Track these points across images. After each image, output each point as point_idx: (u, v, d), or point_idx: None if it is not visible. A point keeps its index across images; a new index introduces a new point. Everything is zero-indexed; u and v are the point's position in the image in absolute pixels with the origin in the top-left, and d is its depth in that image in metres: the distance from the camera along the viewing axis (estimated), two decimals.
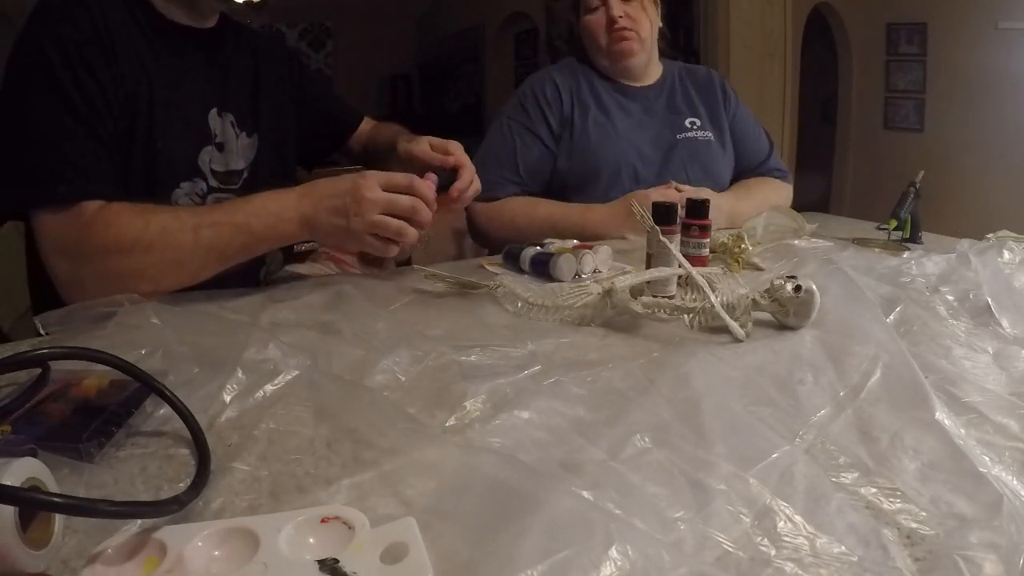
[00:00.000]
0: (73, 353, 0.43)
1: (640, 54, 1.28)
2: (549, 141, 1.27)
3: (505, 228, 1.21)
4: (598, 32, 1.26)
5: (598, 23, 1.26)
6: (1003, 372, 0.57)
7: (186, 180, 0.85)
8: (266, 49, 1.00)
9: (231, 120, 0.91)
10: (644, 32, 1.26)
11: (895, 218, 1.02)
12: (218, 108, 0.89)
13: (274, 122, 0.97)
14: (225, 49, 0.93)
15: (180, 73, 0.84)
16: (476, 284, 0.78)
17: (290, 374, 0.52)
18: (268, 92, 0.96)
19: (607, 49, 1.27)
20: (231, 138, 0.91)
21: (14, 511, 0.30)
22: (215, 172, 0.89)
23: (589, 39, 1.29)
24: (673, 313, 0.67)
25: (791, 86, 3.59)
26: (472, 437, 0.45)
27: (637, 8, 1.26)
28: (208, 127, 0.88)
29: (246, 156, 0.93)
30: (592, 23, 1.27)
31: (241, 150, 0.92)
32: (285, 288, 0.84)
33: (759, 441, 0.43)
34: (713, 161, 1.30)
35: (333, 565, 0.30)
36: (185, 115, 0.85)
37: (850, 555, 0.34)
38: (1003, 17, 3.13)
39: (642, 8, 1.26)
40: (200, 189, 0.87)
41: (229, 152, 0.91)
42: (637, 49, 1.26)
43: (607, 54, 1.28)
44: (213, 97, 0.89)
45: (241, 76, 0.94)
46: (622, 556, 0.30)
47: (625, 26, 1.23)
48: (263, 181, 0.92)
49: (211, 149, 0.88)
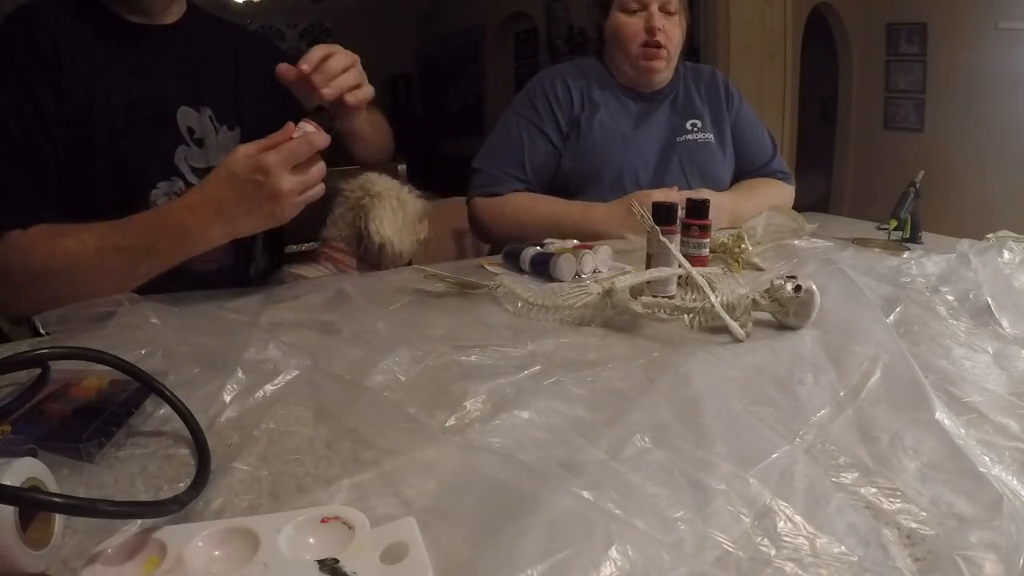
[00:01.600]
0: (73, 353, 0.43)
1: (665, 71, 1.27)
2: (557, 140, 1.26)
3: (507, 224, 1.21)
4: (631, 37, 1.23)
5: (634, 28, 1.22)
6: (1003, 372, 0.57)
7: (163, 180, 0.85)
8: (247, 43, 0.99)
9: (209, 115, 0.90)
10: (673, 50, 1.25)
11: (895, 218, 1.02)
12: (192, 104, 0.88)
13: (258, 116, 0.95)
14: (196, 43, 0.91)
15: (143, 72, 0.83)
16: (476, 284, 0.78)
17: (290, 374, 0.52)
18: (250, 85, 0.95)
19: (635, 59, 1.24)
20: (210, 133, 0.90)
21: (14, 511, 0.30)
22: (195, 169, 0.88)
23: (618, 40, 1.26)
24: (673, 313, 0.67)
25: (791, 86, 3.59)
26: (472, 437, 0.45)
27: (674, 24, 1.24)
28: (178, 125, 0.87)
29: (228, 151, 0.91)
30: (629, 26, 1.23)
31: (222, 144, 0.91)
32: (285, 288, 0.84)
33: (759, 441, 0.43)
34: (712, 164, 1.30)
35: (333, 565, 0.30)
36: (153, 115, 0.84)
37: (850, 555, 0.34)
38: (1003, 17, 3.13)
39: (678, 24, 1.24)
40: (179, 188, 0.86)
41: (209, 148, 0.90)
42: (663, 67, 1.25)
43: (633, 64, 1.25)
44: (184, 93, 0.88)
45: (219, 70, 0.93)
46: (622, 556, 0.30)
47: (660, 42, 1.21)
48: None
49: (186, 148, 0.87)
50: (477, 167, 1.28)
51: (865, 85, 3.87)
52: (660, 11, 1.22)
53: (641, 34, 1.22)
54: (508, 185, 1.25)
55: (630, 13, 1.24)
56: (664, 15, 1.22)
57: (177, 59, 0.88)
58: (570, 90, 1.27)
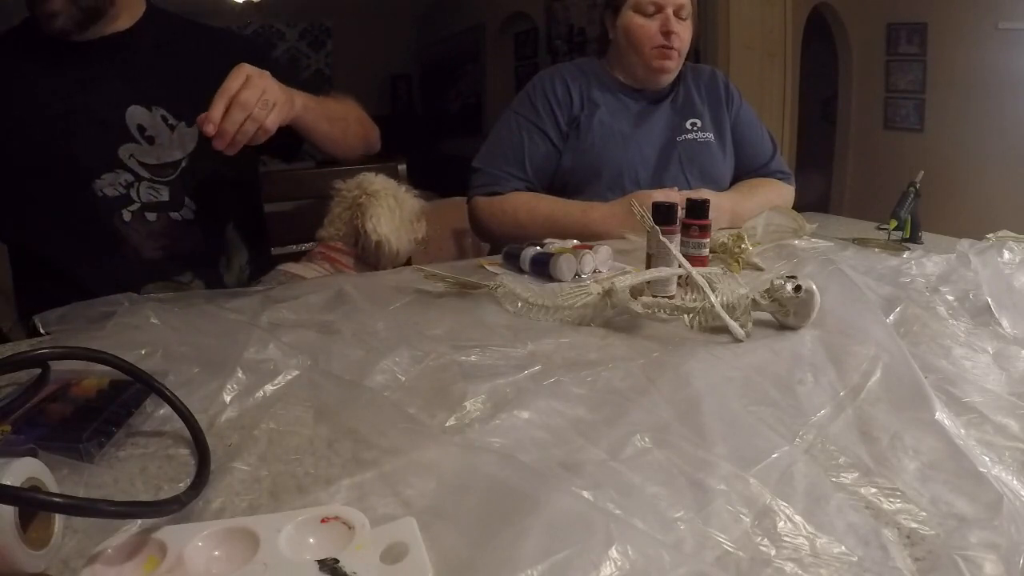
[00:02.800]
0: (73, 353, 0.43)
1: (673, 73, 1.28)
2: (556, 139, 1.27)
3: (507, 223, 1.21)
4: (644, 38, 1.23)
5: (650, 30, 1.23)
6: (1003, 372, 0.57)
7: (107, 172, 0.93)
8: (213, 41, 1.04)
9: (162, 113, 0.96)
10: (684, 52, 1.26)
11: (895, 218, 1.02)
12: (143, 103, 0.95)
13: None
14: (149, 45, 0.98)
15: (87, 81, 0.92)
16: (476, 284, 0.78)
17: (290, 374, 0.52)
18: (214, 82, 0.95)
19: (648, 60, 1.24)
20: (163, 130, 0.96)
21: (14, 511, 0.30)
22: (145, 164, 0.95)
23: (631, 41, 1.26)
24: (673, 313, 0.67)
25: (791, 86, 3.59)
26: (472, 437, 0.45)
27: (686, 28, 1.25)
28: (126, 124, 0.94)
29: (184, 146, 0.98)
30: (644, 28, 1.23)
31: (177, 141, 0.97)
32: (285, 288, 0.84)
33: (759, 441, 0.43)
34: (712, 163, 1.30)
35: (333, 565, 0.30)
36: (98, 116, 0.92)
37: (850, 555, 0.34)
38: (1003, 17, 3.12)
39: (689, 27, 1.26)
40: (124, 180, 0.94)
41: (161, 145, 0.96)
42: (674, 68, 1.26)
43: (646, 64, 1.25)
44: (132, 94, 0.94)
45: (178, 68, 0.98)
46: (622, 556, 0.30)
47: (674, 45, 1.22)
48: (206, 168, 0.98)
49: (135, 144, 0.94)
50: (477, 167, 1.28)
51: (865, 85, 3.86)
52: (674, 15, 1.23)
53: (657, 36, 1.22)
54: (508, 185, 1.25)
55: (646, 16, 1.24)
56: (677, 19, 1.23)
57: (127, 62, 0.95)
58: (569, 90, 1.27)
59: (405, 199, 1.12)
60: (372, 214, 1.06)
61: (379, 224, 1.06)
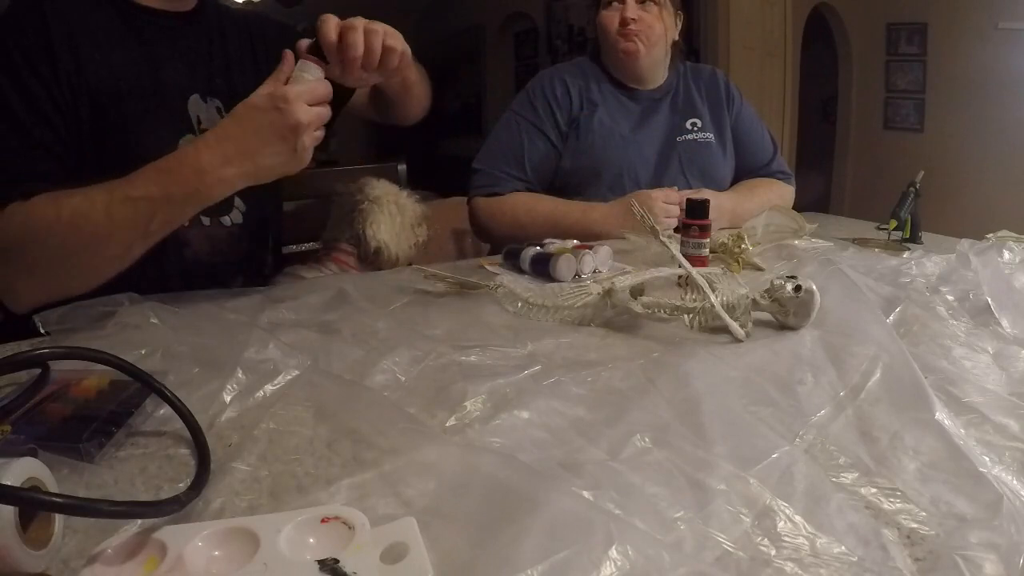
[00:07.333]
0: (73, 353, 0.43)
1: (645, 58, 1.27)
2: (556, 140, 1.27)
3: (507, 223, 1.22)
4: (609, 28, 1.26)
5: (611, 20, 1.26)
6: (1003, 372, 0.57)
7: None
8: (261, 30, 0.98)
9: (217, 105, 0.89)
10: (654, 37, 1.26)
11: (895, 218, 1.02)
12: (201, 94, 0.87)
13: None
14: (207, 32, 0.91)
15: (157, 60, 0.83)
16: (476, 284, 0.78)
17: (290, 374, 0.52)
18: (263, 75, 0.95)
19: (613, 47, 1.27)
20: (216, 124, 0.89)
21: (14, 511, 0.30)
22: None
23: (601, 35, 1.30)
24: (673, 313, 0.67)
25: (791, 86, 3.59)
26: (472, 437, 0.45)
27: (653, 14, 1.26)
28: (188, 114, 0.86)
29: None
30: (605, 19, 1.27)
31: None
32: (285, 288, 0.84)
33: (759, 441, 0.43)
34: (712, 163, 1.30)
35: (333, 565, 0.30)
36: (163, 102, 0.83)
37: (850, 555, 0.34)
38: (1003, 17, 3.13)
39: (658, 15, 1.26)
40: None
41: None
42: (642, 53, 1.26)
43: (613, 52, 1.28)
44: (195, 82, 0.87)
45: (231, 59, 0.92)
46: (622, 556, 0.30)
47: (634, 29, 1.24)
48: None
49: (192, 137, 0.85)
50: (477, 167, 1.28)
51: (865, 85, 3.87)
52: (635, 1, 1.25)
53: (616, 24, 1.25)
54: (508, 185, 1.25)
55: (607, 6, 1.27)
56: (639, 5, 1.25)
57: (190, 48, 0.88)
58: (569, 90, 1.28)
59: (406, 205, 1.12)
60: (372, 220, 1.06)
61: (379, 230, 1.06)
